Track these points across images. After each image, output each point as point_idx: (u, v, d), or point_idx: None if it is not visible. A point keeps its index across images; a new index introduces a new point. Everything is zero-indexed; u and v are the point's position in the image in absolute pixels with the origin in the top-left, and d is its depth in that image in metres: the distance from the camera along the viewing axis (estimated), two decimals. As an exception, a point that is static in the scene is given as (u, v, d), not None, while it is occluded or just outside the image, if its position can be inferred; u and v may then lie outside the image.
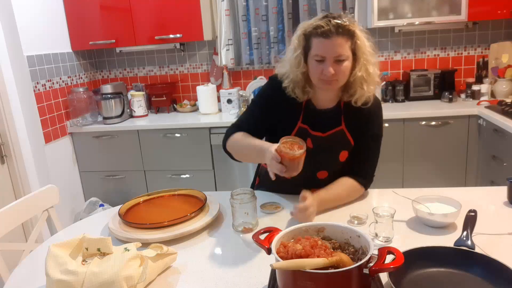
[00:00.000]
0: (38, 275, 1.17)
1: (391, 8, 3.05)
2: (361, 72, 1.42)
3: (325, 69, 1.37)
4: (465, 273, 1.03)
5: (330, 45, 1.35)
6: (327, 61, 1.37)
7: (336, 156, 1.54)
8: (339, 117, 1.53)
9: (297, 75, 1.46)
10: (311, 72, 1.43)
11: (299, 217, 1.35)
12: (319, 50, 1.37)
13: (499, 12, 2.94)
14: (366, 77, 1.43)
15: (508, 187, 1.44)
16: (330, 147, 1.53)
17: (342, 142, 1.53)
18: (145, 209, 1.54)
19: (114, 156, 3.31)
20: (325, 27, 1.34)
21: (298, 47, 1.44)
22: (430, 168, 3.01)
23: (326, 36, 1.34)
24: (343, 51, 1.36)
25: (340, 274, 0.89)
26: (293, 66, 1.46)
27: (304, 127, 1.53)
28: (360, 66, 1.42)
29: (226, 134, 1.59)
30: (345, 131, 1.53)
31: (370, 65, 1.43)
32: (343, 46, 1.36)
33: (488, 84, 3.18)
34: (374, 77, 1.45)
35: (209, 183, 3.25)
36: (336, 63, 1.37)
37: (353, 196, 1.54)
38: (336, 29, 1.34)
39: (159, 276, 1.14)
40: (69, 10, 3.31)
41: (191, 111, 3.57)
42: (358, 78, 1.42)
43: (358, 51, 1.40)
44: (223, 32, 3.40)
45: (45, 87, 3.06)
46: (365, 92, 1.45)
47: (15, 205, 1.54)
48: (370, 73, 1.44)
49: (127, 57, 3.77)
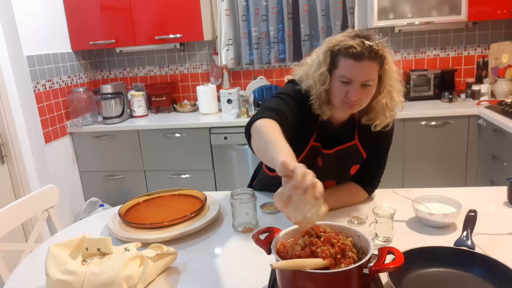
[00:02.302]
0: (38, 275, 1.17)
1: (391, 8, 3.05)
2: (386, 99, 1.35)
3: (350, 92, 1.29)
4: (465, 273, 1.03)
5: (361, 69, 1.27)
6: (353, 84, 1.28)
7: (347, 169, 1.51)
8: (352, 131, 1.48)
9: (321, 92, 1.36)
10: (333, 92, 1.34)
11: None
12: (347, 72, 1.28)
13: (499, 12, 2.94)
14: (389, 104, 1.36)
15: (508, 187, 1.44)
16: (341, 164, 1.49)
17: (354, 156, 1.49)
18: (145, 209, 1.54)
19: (114, 156, 3.31)
20: (358, 48, 1.25)
21: (323, 63, 1.33)
22: (430, 168, 3.01)
23: (357, 59, 1.25)
24: (372, 76, 1.29)
25: (340, 274, 0.89)
26: (317, 83, 1.35)
27: (317, 145, 1.46)
28: (386, 93, 1.35)
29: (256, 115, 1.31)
30: (358, 145, 1.48)
31: (395, 91, 1.36)
32: (372, 71, 1.28)
33: (488, 84, 3.18)
34: (397, 103, 1.38)
35: (209, 183, 3.25)
36: (362, 87, 1.29)
37: (355, 201, 1.52)
38: (369, 53, 1.25)
39: (159, 276, 1.14)
40: (69, 10, 3.31)
41: (191, 111, 3.57)
42: (382, 105, 1.36)
43: (385, 76, 1.33)
44: (223, 32, 3.40)
45: (45, 87, 3.06)
46: (386, 119, 1.39)
47: (15, 205, 1.54)
48: (394, 100, 1.37)
49: (127, 57, 3.77)
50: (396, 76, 1.36)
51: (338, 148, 1.47)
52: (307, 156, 1.45)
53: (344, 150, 1.47)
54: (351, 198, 1.52)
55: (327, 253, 0.93)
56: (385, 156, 1.55)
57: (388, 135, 1.50)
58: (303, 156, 1.44)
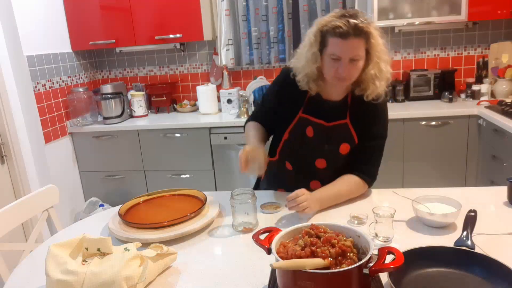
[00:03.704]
0: (38, 275, 1.17)
1: (391, 8, 3.05)
2: (374, 70, 1.46)
3: (340, 68, 1.41)
4: (465, 273, 1.03)
5: (347, 46, 1.38)
6: (342, 61, 1.40)
7: (336, 146, 1.57)
8: (344, 111, 1.56)
9: (312, 70, 1.49)
10: (325, 69, 1.47)
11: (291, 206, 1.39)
12: (335, 49, 1.40)
13: (499, 12, 2.94)
14: (378, 74, 1.47)
15: (508, 187, 1.44)
16: (330, 137, 1.56)
17: (344, 135, 1.56)
18: (145, 209, 1.54)
19: (114, 156, 3.31)
20: (344, 28, 1.36)
21: (314, 43, 1.46)
22: (430, 168, 3.00)
23: (344, 37, 1.37)
24: (359, 52, 1.40)
25: (340, 274, 0.89)
26: (309, 62, 1.49)
27: (305, 117, 1.57)
28: (373, 64, 1.45)
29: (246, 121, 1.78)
30: (349, 125, 1.55)
31: (382, 62, 1.47)
32: (360, 47, 1.39)
33: (488, 84, 3.18)
34: (385, 74, 1.49)
35: (209, 183, 3.25)
36: (350, 62, 1.40)
37: (356, 193, 1.56)
38: (354, 31, 1.36)
39: (159, 276, 1.14)
40: (69, 10, 3.31)
41: (191, 111, 3.57)
42: (370, 75, 1.47)
43: (371, 50, 1.43)
44: (223, 32, 3.40)
45: (45, 87, 3.06)
46: (376, 88, 1.49)
47: (15, 205, 1.54)
48: (382, 70, 1.48)
49: (127, 57, 3.77)
50: (383, 49, 1.47)
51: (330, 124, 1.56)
52: (296, 127, 1.58)
53: (335, 126, 1.56)
54: (351, 190, 1.54)
55: (327, 253, 0.93)
56: (378, 146, 1.59)
57: (379, 117, 1.57)
58: (292, 126, 1.59)
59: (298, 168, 1.65)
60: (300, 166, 1.64)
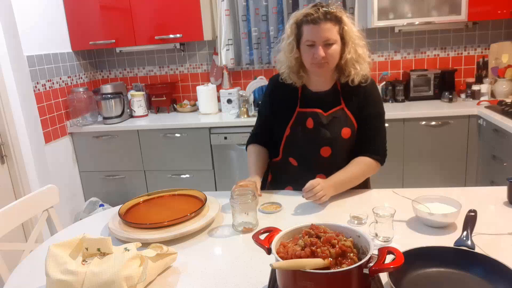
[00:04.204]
0: (38, 275, 1.17)
1: (391, 8, 3.05)
2: (351, 54, 1.54)
3: (315, 52, 1.49)
4: (465, 273, 1.03)
5: (319, 30, 1.48)
6: (317, 45, 1.49)
7: (338, 131, 1.60)
8: (337, 98, 1.62)
9: (291, 60, 1.59)
10: (303, 57, 1.56)
11: (308, 196, 1.45)
12: (309, 35, 1.50)
13: (499, 12, 2.94)
14: (356, 58, 1.55)
15: (508, 187, 1.44)
16: (330, 124, 1.61)
17: (343, 119, 1.61)
18: (145, 209, 1.54)
19: (114, 156, 3.31)
20: (314, 14, 1.48)
21: (290, 35, 1.57)
22: (430, 168, 3.01)
23: (315, 22, 1.48)
24: (331, 35, 1.49)
25: (340, 274, 0.89)
26: (286, 52, 1.59)
27: (303, 110, 1.63)
28: (349, 49, 1.53)
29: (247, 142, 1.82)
30: (346, 110, 1.61)
31: (358, 47, 1.55)
32: (331, 30, 1.49)
33: (488, 84, 3.18)
34: (364, 57, 1.57)
35: (209, 183, 3.25)
36: (325, 47, 1.49)
37: (369, 173, 1.63)
38: (324, 16, 1.47)
39: (159, 276, 1.14)
40: (69, 10, 3.31)
41: (191, 111, 3.57)
42: (349, 60, 1.54)
43: (346, 36, 1.52)
44: (223, 32, 3.40)
45: (45, 87, 3.06)
46: (358, 71, 1.56)
47: (15, 205, 1.54)
48: (360, 54, 1.56)
49: (127, 57, 3.77)
50: (357, 34, 1.56)
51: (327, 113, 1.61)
52: (296, 121, 1.63)
53: (332, 113, 1.61)
54: (364, 171, 1.60)
55: (327, 253, 0.93)
56: (379, 124, 1.64)
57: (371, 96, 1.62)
58: (292, 121, 1.64)
59: (303, 162, 1.67)
60: (304, 160, 1.67)
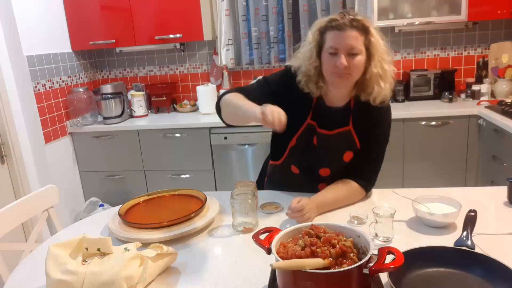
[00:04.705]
0: (38, 275, 1.17)
1: (391, 8, 3.05)
2: (377, 69, 1.41)
3: (338, 61, 1.37)
4: (465, 273, 1.03)
5: (344, 37, 1.36)
6: (340, 53, 1.37)
7: (340, 155, 1.54)
8: (347, 117, 1.52)
9: (309, 69, 1.45)
10: (324, 66, 1.43)
11: (294, 217, 1.37)
12: (332, 42, 1.38)
13: (499, 12, 2.94)
14: (382, 74, 1.43)
15: (508, 187, 1.44)
16: (334, 146, 1.54)
17: (347, 142, 1.53)
18: (145, 209, 1.54)
19: (114, 156, 3.31)
20: (340, 20, 1.36)
21: (312, 41, 1.45)
22: (430, 168, 3.00)
23: (340, 28, 1.36)
24: (356, 44, 1.36)
25: (340, 274, 0.89)
26: (305, 59, 1.47)
27: (313, 123, 1.54)
28: (375, 63, 1.41)
29: (224, 92, 1.48)
30: (352, 132, 1.52)
31: (385, 63, 1.43)
32: (357, 39, 1.36)
33: (488, 84, 3.18)
34: (389, 74, 1.45)
35: (209, 183, 3.25)
36: (349, 56, 1.37)
37: (353, 199, 1.53)
38: (350, 22, 1.35)
39: (159, 276, 1.14)
40: (69, 10, 3.31)
41: (191, 111, 3.56)
42: (375, 75, 1.42)
43: (372, 48, 1.40)
44: (223, 32, 3.40)
45: (45, 87, 3.06)
46: (382, 90, 1.44)
47: (15, 205, 1.54)
48: (386, 70, 1.43)
49: (127, 57, 3.77)
50: (384, 48, 1.44)
51: (333, 132, 1.52)
52: (304, 133, 1.54)
53: (338, 134, 1.52)
54: (349, 197, 1.52)
55: (327, 253, 0.93)
56: (380, 149, 1.56)
57: (382, 122, 1.53)
58: (300, 132, 1.54)
59: (304, 172, 1.62)
60: (306, 171, 1.61)
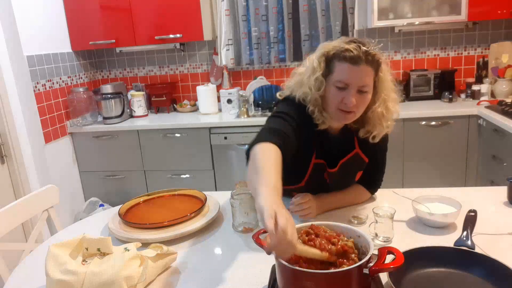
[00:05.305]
0: (38, 275, 1.17)
1: (391, 8, 3.05)
2: (381, 108, 1.32)
3: (346, 98, 1.25)
4: (465, 273, 1.03)
5: (357, 73, 1.23)
6: (350, 89, 1.25)
7: (352, 179, 1.51)
8: (351, 141, 1.44)
9: (317, 98, 1.32)
10: (330, 99, 1.30)
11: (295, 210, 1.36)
12: (344, 76, 1.25)
13: (499, 12, 2.94)
14: (385, 113, 1.33)
15: (508, 187, 1.44)
16: (346, 174, 1.47)
17: (358, 165, 1.48)
18: (145, 209, 1.54)
19: (114, 156, 3.31)
20: (354, 52, 1.22)
21: (318, 68, 1.29)
22: (430, 168, 3.00)
23: (354, 62, 1.23)
24: (368, 82, 1.26)
25: (340, 274, 0.89)
26: (312, 89, 1.31)
27: (321, 162, 1.43)
28: (381, 101, 1.32)
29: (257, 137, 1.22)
30: (360, 153, 1.45)
31: (390, 101, 1.34)
32: (370, 76, 1.26)
33: (488, 84, 3.18)
34: (392, 113, 1.36)
35: (209, 183, 3.25)
36: (358, 93, 1.26)
37: (359, 201, 1.52)
38: (366, 57, 1.23)
39: (159, 276, 1.14)
40: (69, 10, 3.31)
41: (191, 111, 3.56)
42: (377, 114, 1.32)
43: (379, 85, 1.31)
44: (223, 32, 3.40)
45: (45, 87, 3.06)
46: (384, 129, 1.36)
47: (15, 205, 1.54)
48: (390, 110, 1.34)
49: (127, 57, 3.77)
50: (391, 86, 1.34)
51: (342, 161, 1.44)
52: (313, 173, 1.43)
53: (347, 161, 1.44)
54: (355, 198, 1.52)
55: (325, 246, 0.93)
56: (384, 158, 1.56)
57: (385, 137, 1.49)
58: (308, 174, 1.43)
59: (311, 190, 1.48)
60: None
